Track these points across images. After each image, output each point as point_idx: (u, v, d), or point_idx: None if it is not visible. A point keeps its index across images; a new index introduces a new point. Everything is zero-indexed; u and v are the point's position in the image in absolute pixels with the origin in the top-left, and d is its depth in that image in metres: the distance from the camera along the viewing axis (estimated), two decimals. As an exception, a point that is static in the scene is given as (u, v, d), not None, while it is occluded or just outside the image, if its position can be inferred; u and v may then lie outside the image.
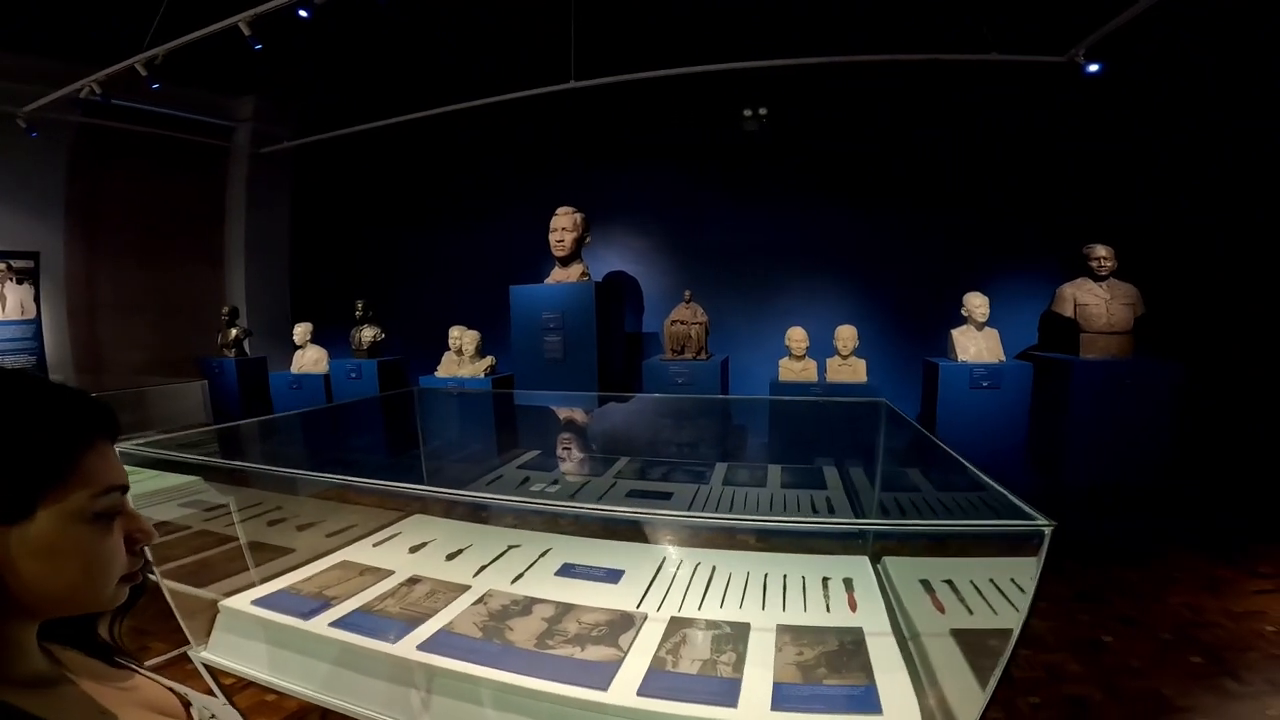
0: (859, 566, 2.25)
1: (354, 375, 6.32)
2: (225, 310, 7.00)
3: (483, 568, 2.36)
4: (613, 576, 2.23)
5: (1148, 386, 4.92)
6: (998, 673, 1.09)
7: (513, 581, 2.23)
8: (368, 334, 6.45)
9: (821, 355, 5.42)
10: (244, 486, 3.04)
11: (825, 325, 5.65)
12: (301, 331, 6.81)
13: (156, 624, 3.02)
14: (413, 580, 2.26)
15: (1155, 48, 4.86)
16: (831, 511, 2.76)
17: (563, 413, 4.66)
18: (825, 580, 2.14)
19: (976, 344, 5.01)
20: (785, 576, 2.17)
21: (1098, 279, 5.15)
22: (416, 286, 7.62)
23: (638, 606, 1.99)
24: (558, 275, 5.68)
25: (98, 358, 6.72)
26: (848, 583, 2.12)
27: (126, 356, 6.91)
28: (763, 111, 6.17)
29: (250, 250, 7.60)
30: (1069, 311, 5.20)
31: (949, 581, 1.96)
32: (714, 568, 2.26)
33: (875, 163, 6.08)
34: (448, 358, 6.26)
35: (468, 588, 2.18)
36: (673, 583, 2.16)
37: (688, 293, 5.54)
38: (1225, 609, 2.97)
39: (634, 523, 2.65)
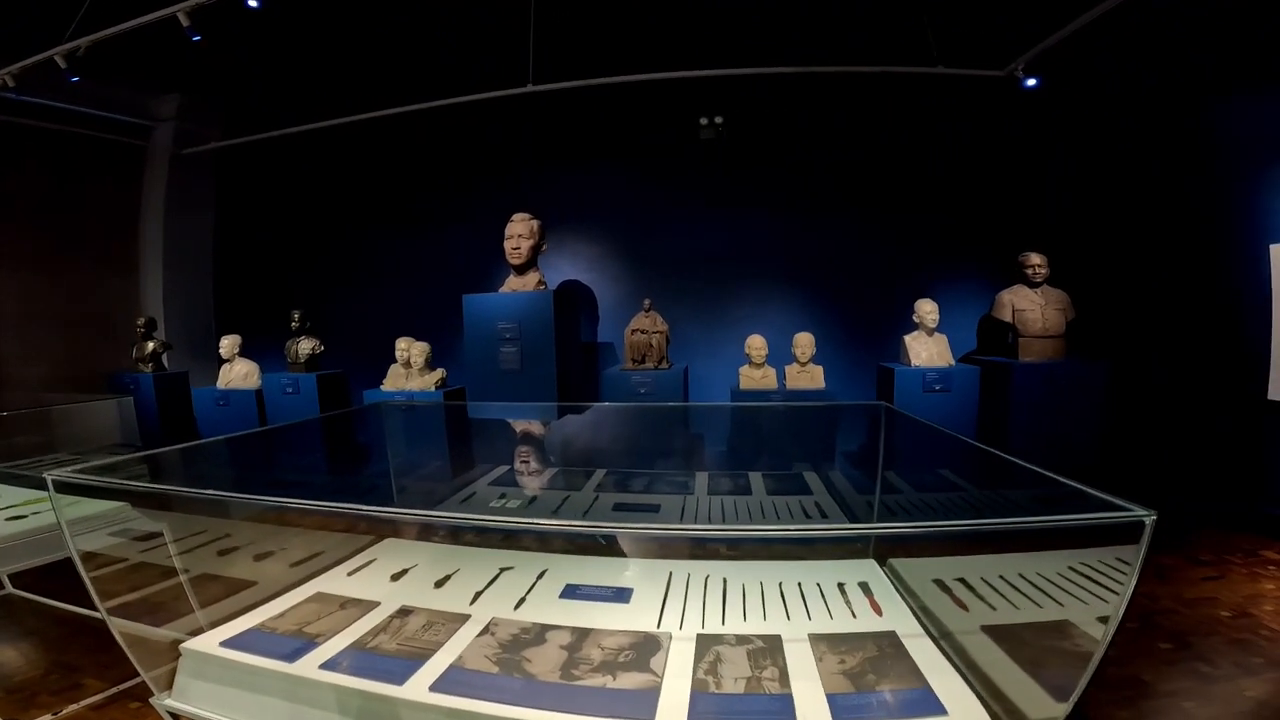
0: (868, 570, 2.24)
1: (290, 390, 5.91)
2: (141, 321, 6.41)
3: (479, 594, 2.20)
4: (622, 596, 2.13)
5: (1079, 385, 5.25)
6: (1093, 665, 1.09)
7: (516, 607, 2.09)
8: (305, 346, 6.05)
9: (779, 363, 5.48)
10: (187, 513, 2.75)
11: (779, 333, 5.75)
12: (229, 344, 6.31)
13: (85, 659, 2.69)
14: (403, 611, 2.09)
15: (1084, 62, 5.21)
16: (824, 516, 2.76)
17: (531, 425, 4.50)
18: (841, 585, 2.12)
19: (928, 349, 5.19)
20: (800, 585, 2.13)
21: (1033, 285, 5.45)
22: (355, 296, 7.23)
23: (658, 626, 1.90)
24: (513, 284, 5.51)
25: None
26: (864, 587, 2.10)
27: (29, 372, 6.20)
28: (719, 120, 6.23)
29: (169, 257, 6.99)
30: (1007, 316, 5.48)
31: (962, 579, 1.98)
32: (724, 580, 2.20)
33: (827, 172, 6.24)
34: (394, 370, 5.96)
35: (467, 617, 2.03)
36: (687, 598, 2.08)
37: (647, 301, 5.50)
38: (1178, 595, 3.15)
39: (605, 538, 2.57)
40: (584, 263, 6.60)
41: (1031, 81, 4.97)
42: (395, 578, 2.40)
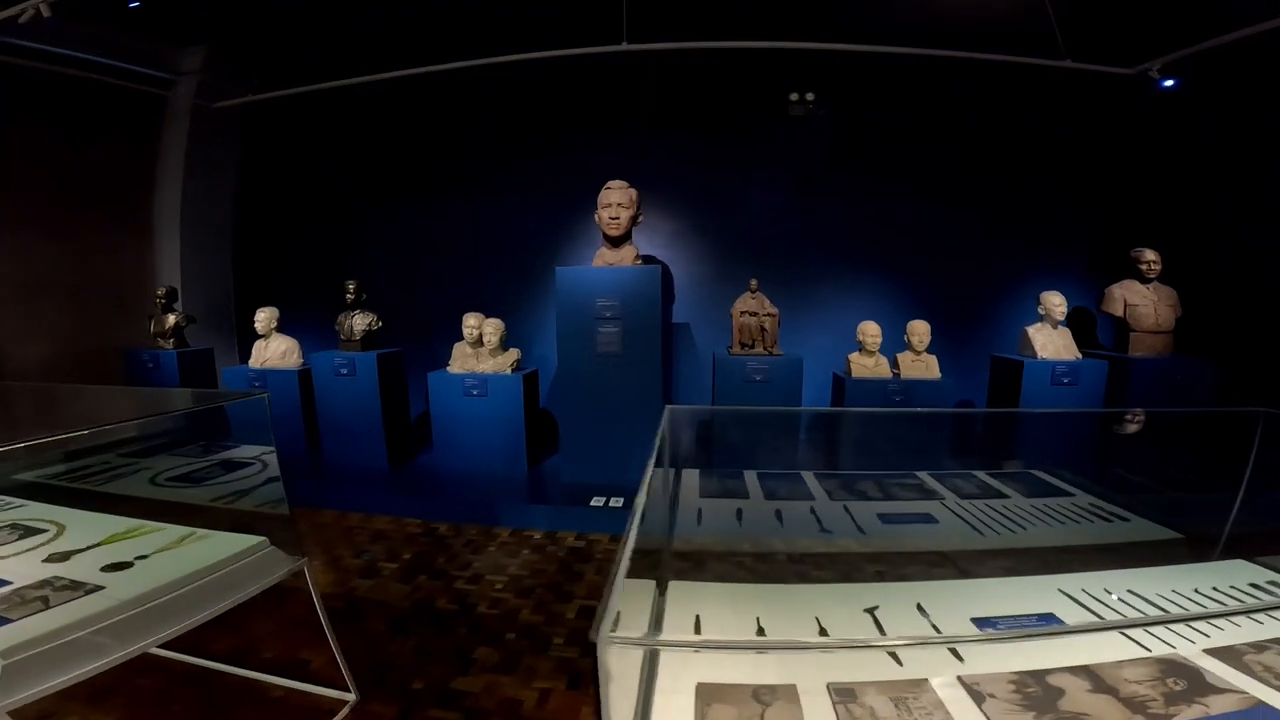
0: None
1: (345, 371, 5.27)
2: (161, 292, 5.65)
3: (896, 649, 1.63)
4: (1047, 621, 1.69)
5: (1187, 382, 5.10)
6: None
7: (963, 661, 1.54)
8: (360, 322, 5.41)
9: (885, 351, 5.15)
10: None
11: (865, 319, 5.46)
12: (266, 318, 5.62)
13: None
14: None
15: (1206, 65, 5.08)
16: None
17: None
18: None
19: (1054, 341, 4.96)
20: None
21: (1145, 281, 5.29)
22: (401, 268, 6.58)
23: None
24: (607, 257, 5.02)
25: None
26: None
27: (31, 349, 5.35)
28: (810, 97, 5.90)
29: (188, 222, 6.22)
30: (1118, 311, 5.30)
31: None
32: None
33: (925, 159, 5.97)
34: (460, 350, 5.40)
35: (923, 681, 1.45)
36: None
37: (754, 282, 5.09)
38: None
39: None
40: (661, 238, 6.15)
41: (1169, 83, 4.87)
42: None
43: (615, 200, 4.91)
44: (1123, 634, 1.54)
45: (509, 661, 3.00)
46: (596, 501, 4.59)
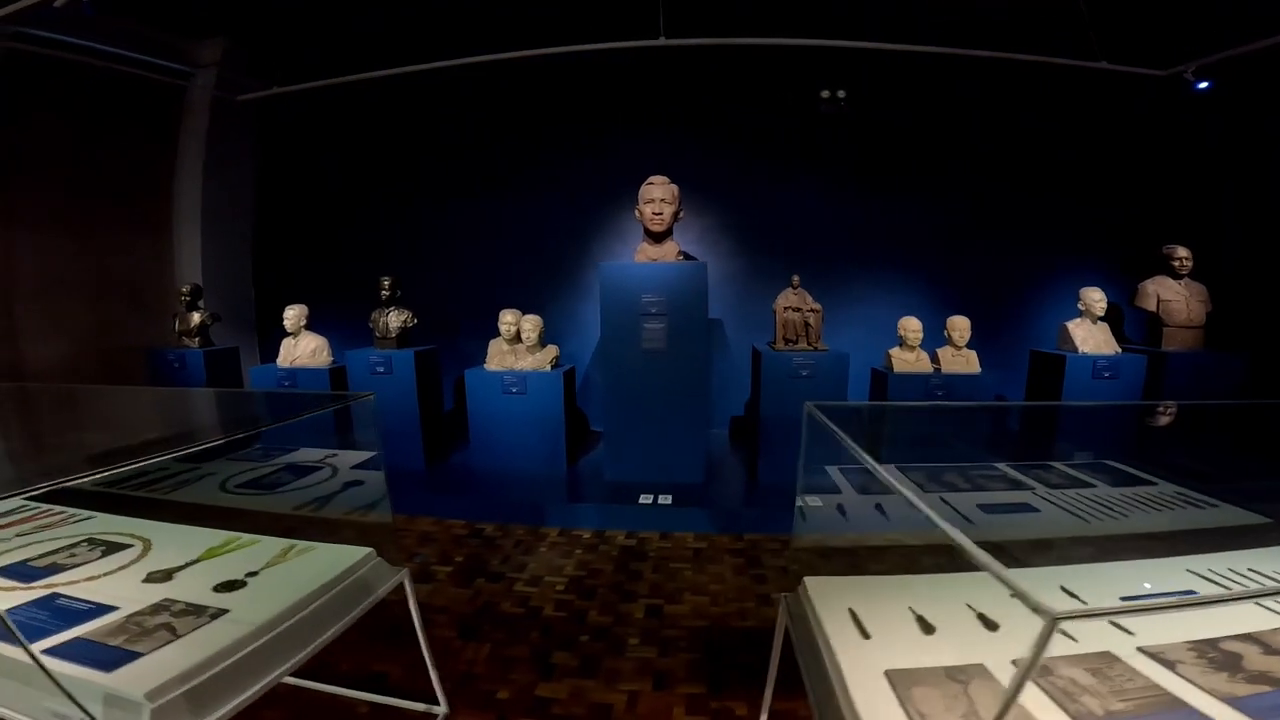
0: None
1: (382, 370, 5.18)
2: (185, 289, 5.51)
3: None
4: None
5: (1222, 376, 5.17)
6: None
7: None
8: (395, 319, 5.32)
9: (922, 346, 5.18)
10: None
11: (888, 315, 5.50)
12: (295, 315, 5.50)
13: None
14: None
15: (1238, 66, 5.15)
16: None
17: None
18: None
19: (1094, 336, 5.00)
20: None
21: (1177, 277, 5.36)
22: (426, 265, 6.47)
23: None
24: (649, 253, 4.97)
25: (14, 350, 4.97)
26: None
27: (49, 348, 5.18)
28: (841, 94, 5.89)
29: (208, 217, 6.07)
30: (1151, 306, 5.36)
31: None
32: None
33: (948, 155, 6.00)
34: (497, 347, 5.33)
35: (1105, 653, 1.48)
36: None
37: (796, 278, 5.07)
38: None
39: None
40: (693, 234, 6.11)
41: (1204, 85, 4.93)
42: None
43: (658, 196, 4.87)
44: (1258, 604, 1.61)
45: (588, 665, 2.96)
46: (645, 499, 4.55)
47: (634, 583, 3.78)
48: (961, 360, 5.03)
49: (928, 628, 1.65)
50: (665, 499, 4.53)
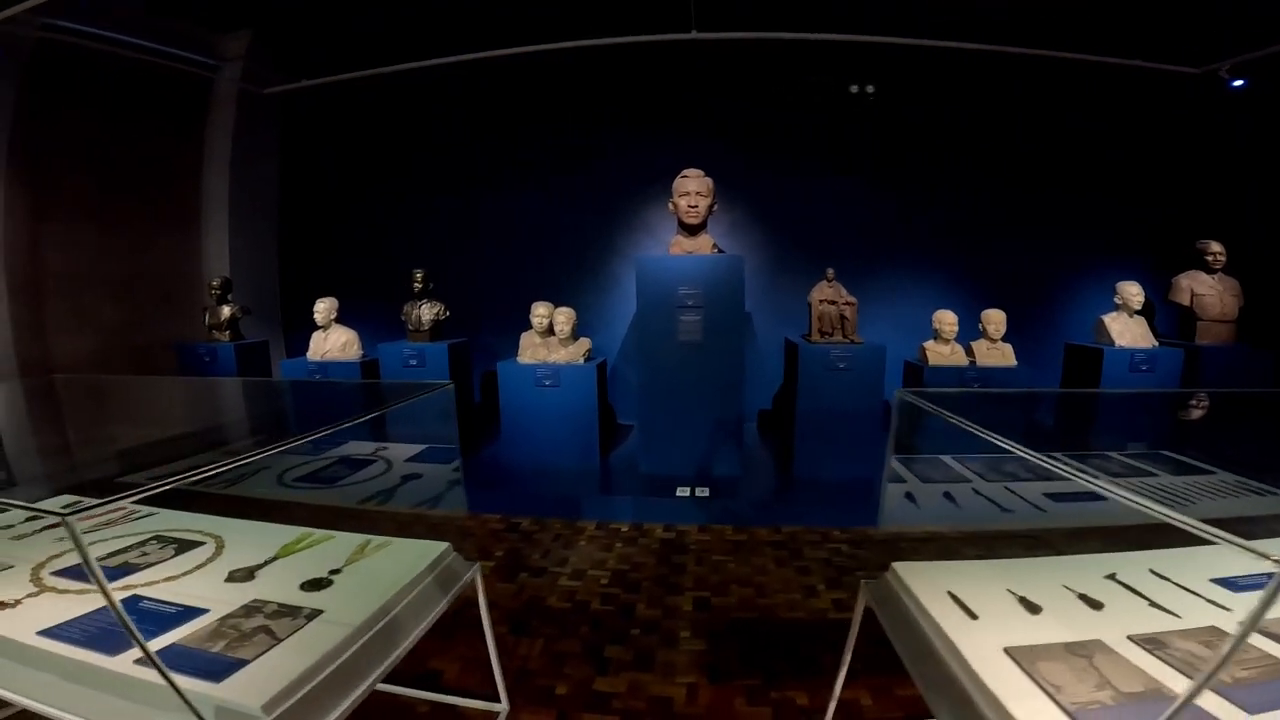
0: None
1: (415, 363, 5.17)
2: (215, 283, 5.50)
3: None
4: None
5: (1252, 369, 5.16)
6: None
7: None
8: (428, 312, 5.30)
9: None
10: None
11: (914, 308, 5.52)
12: (325, 309, 5.48)
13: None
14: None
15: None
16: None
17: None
18: None
19: (1131, 330, 4.99)
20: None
21: (1210, 272, 5.34)
22: (450, 258, 6.45)
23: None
24: (684, 245, 4.95)
25: (44, 344, 4.96)
26: None
27: (79, 343, 5.17)
28: (870, 89, 5.87)
29: (235, 210, 6.05)
30: (1185, 300, 5.35)
31: None
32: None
33: (977, 151, 5.98)
34: (528, 340, 5.31)
35: (1210, 627, 1.54)
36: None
37: (830, 271, 5.05)
38: None
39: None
40: (721, 227, 6.09)
41: (1238, 83, 4.94)
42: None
43: (694, 189, 4.85)
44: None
45: (642, 658, 2.94)
46: (682, 492, 4.55)
47: (678, 576, 3.77)
48: (997, 353, 5.02)
49: (1033, 608, 1.67)
50: (703, 491, 4.53)
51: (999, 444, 1.47)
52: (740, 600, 3.47)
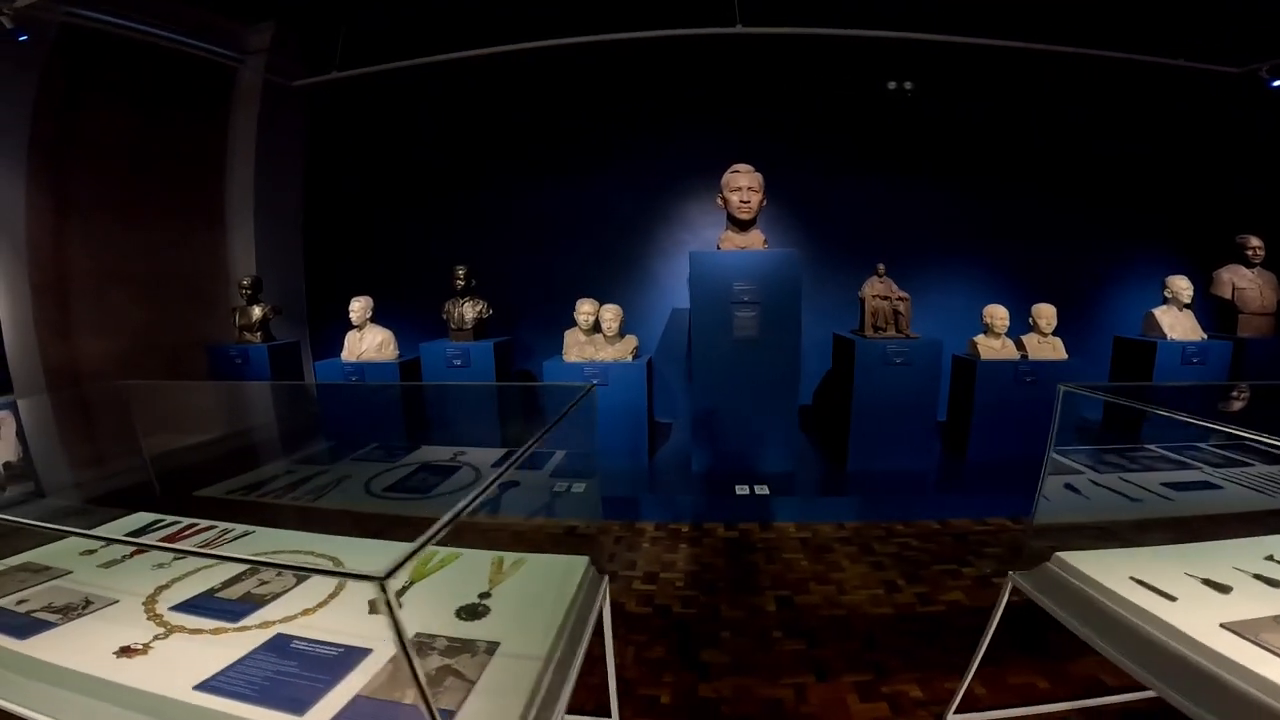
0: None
1: (459, 363, 5.03)
2: (245, 282, 5.32)
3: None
4: None
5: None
6: None
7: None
8: (470, 310, 5.18)
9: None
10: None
11: (972, 301, 5.48)
12: (360, 308, 5.33)
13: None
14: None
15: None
16: None
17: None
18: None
19: (1181, 324, 5.01)
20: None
21: (1250, 265, 5.38)
22: (485, 255, 6.31)
23: None
24: (735, 241, 4.89)
25: (70, 345, 4.75)
26: None
27: (106, 344, 4.96)
28: (908, 85, 5.85)
29: (261, 208, 5.86)
30: (1226, 293, 5.38)
31: None
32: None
33: (1020, 148, 5.99)
34: (573, 338, 5.21)
35: None
36: None
37: (880, 266, 5.01)
38: None
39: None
40: (761, 221, 6.02)
41: (1277, 83, 5.04)
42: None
43: (745, 184, 4.79)
44: None
45: (740, 662, 2.86)
46: (741, 490, 4.47)
47: (753, 575, 3.69)
48: (1048, 347, 5.01)
49: (1220, 588, 1.69)
50: (762, 489, 4.45)
51: (1230, 432, 1.43)
52: (824, 598, 3.40)
